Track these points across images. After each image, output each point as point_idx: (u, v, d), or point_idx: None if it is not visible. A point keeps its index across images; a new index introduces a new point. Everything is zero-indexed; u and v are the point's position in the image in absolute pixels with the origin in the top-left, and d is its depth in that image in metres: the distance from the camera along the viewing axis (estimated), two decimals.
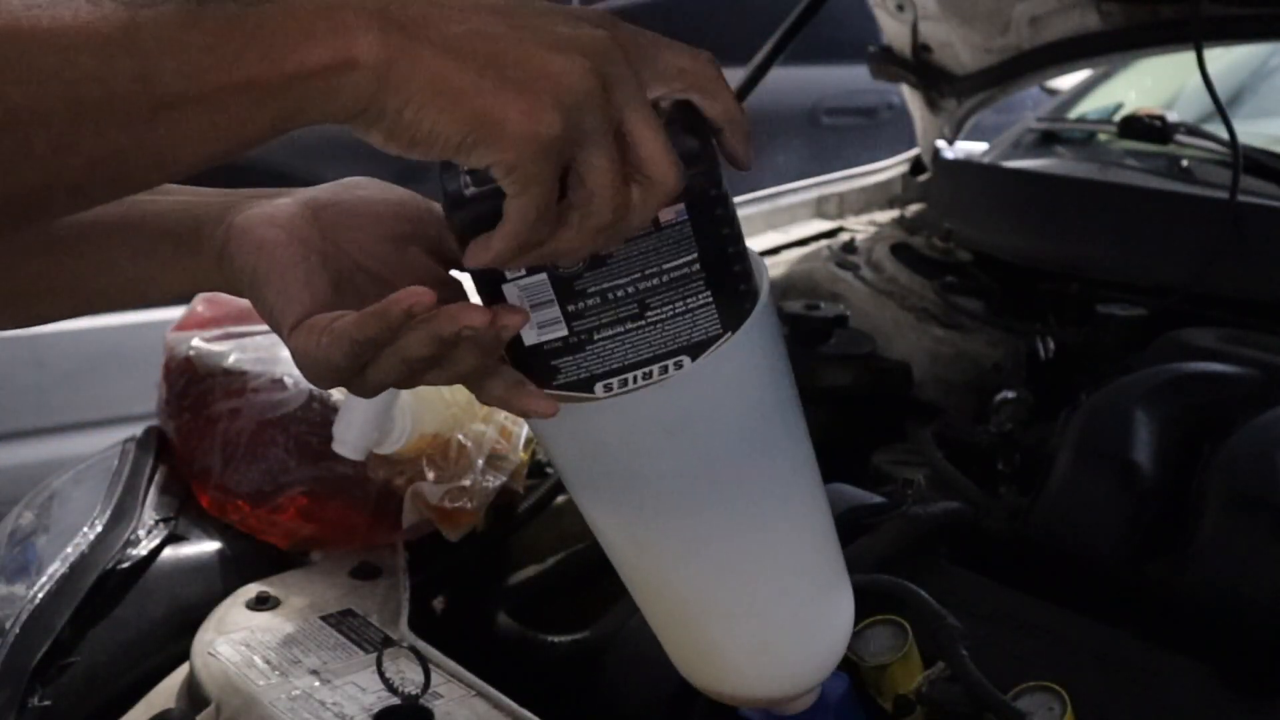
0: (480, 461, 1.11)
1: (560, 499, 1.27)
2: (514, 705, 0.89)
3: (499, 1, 0.57)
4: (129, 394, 2.20)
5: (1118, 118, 1.87)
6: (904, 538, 1.09)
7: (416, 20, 0.54)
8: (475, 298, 0.66)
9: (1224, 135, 1.62)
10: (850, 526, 1.10)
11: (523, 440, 1.16)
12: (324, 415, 1.10)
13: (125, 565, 1.08)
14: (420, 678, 0.87)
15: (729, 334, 0.66)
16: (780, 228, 2.04)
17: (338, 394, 1.10)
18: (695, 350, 0.66)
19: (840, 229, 2.03)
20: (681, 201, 0.62)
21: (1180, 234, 1.61)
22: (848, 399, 1.52)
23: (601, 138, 0.57)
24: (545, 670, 1.13)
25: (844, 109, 4.01)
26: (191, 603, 1.05)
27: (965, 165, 2.02)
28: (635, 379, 0.66)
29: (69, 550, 1.07)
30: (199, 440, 1.13)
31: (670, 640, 0.81)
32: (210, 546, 1.13)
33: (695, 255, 0.64)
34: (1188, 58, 1.63)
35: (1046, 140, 2.02)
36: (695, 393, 0.67)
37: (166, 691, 1.00)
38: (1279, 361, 1.30)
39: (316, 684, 0.91)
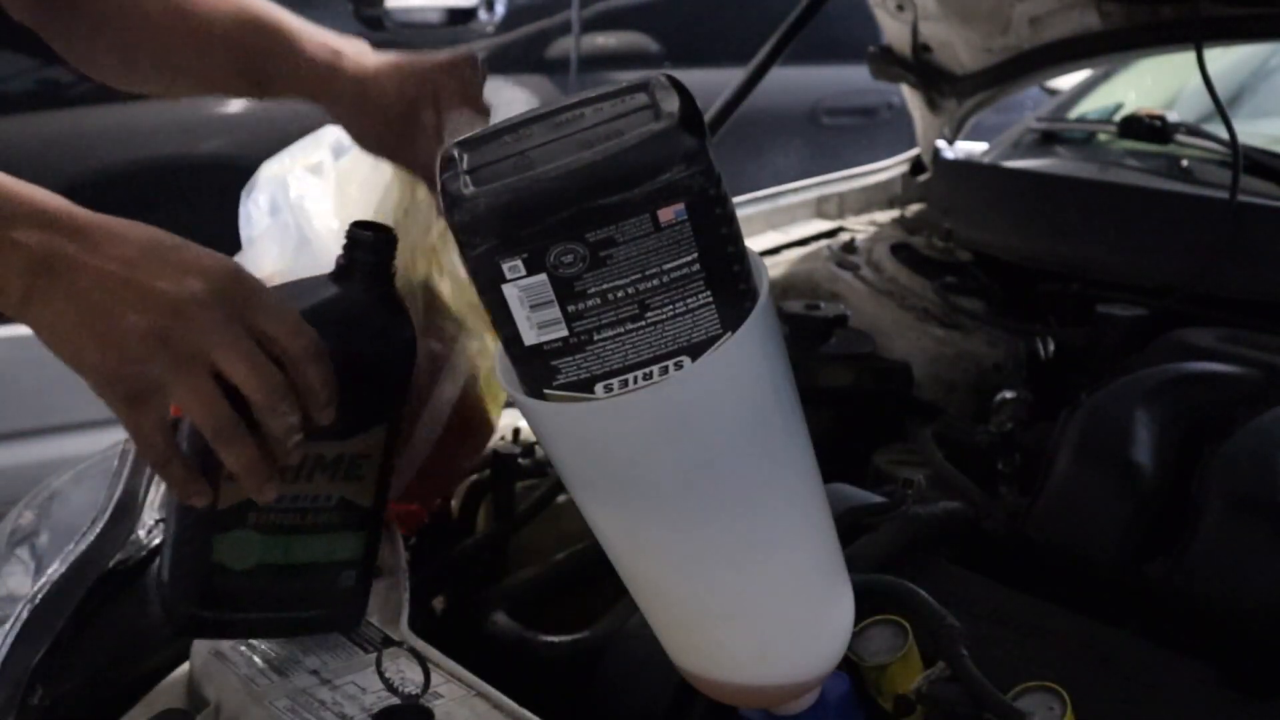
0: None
1: (560, 499, 1.27)
2: (514, 705, 0.88)
3: (132, 251, 0.73)
4: None
5: (1118, 118, 1.87)
6: (904, 538, 1.09)
7: (62, 267, 0.72)
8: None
9: (1224, 135, 1.62)
10: (850, 526, 1.10)
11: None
12: None
13: (125, 565, 1.08)
14: (420, 678, 0.87)
15: (729, 334, 0.66)
16: (780, 228, 2.04)
17: None
18: (695, 350, 0.66)
19: (840, 229, 2.03)
20: (681, 202, 0.62)
21: (1180, 234, 1.61)
22: (848, 399, 1.52)
23: (174, 380, 0.73)
24: (545, 671, 1.13)
25: (844, 109, 4.00)
26: None
27: (965, 165, 2.02)
28: (635, 379, 0.66)
29: (69, 550, 1.07)
30: None
31: (670, 640, 0.81)
32: None
33: (695, 255, 0.64)
34: (1188, 58, 1.63)
35: (1046, 140, 2.02)
36: (695, 393, 0.67)
37: (166, 691, 1.00)
38: (1279, 361, 1.30)
39: (316, 684, 0.91)
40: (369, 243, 0.83)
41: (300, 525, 0.86)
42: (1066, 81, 2.19)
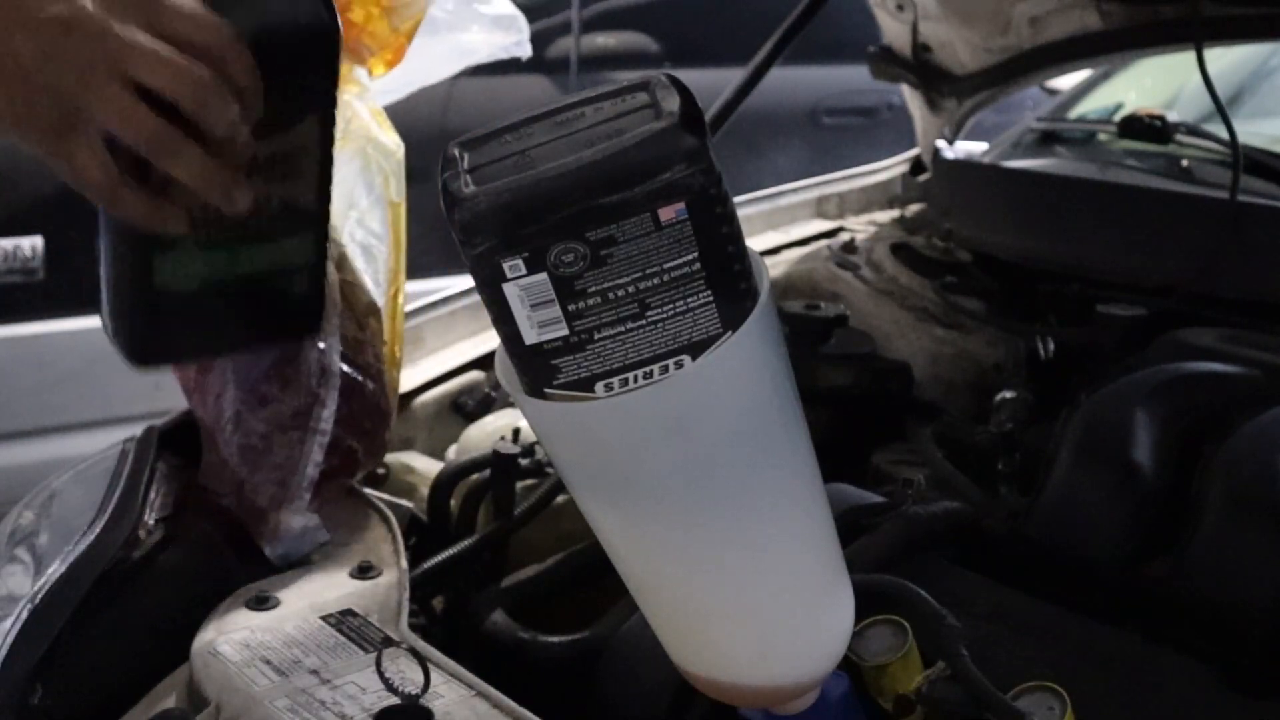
0: None
1: (560, 499, 1.27)
2: (514, 705, 0.88)
3: None
4: (129, 394, 2.20)
5: (1118, 118, 1.87)
6: (904, 538, 1.09)
7: None
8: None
9: (1224, 135, 1.62)
10: (850, 526, 1.10)
11: None
12: None
13: (125, 565, 1.08)
14: (420, 678, 0.87)
15: (729, 333, 0.66)
16: (780, 228, 2.04)
17: None
18: (695, 349, 0.66)
19: (840, 229, 2.03)
20: (681, 201, 0.62)
21: (1180, 234, 1.61)
22: (848, 399, 1.52)
23: (91, 99, 0.69)
24: (544, 671, 1.13)
25: (844, 109, 4.00)
26: (191, 603, 1.05)
27: (965, 165, 2.02)
28: (635, 378, 0.66)
29: (69, 550, 1.07)
30: None
31: (670, 639, 0.81)
32: (210, 546, 1.13)
33: (695, 254, 0.64)
34: (1188, 58, 1.63)
35: (1046, 140, 2.02)
36: (695, 392, 0.67)
37: (166, 691, 1.00)
38: (1279, 361, 1.30)
39: (316, 684, 0.91)
40: None
41: (243, 235, 0.81)
42: (1066, 81, 2.19)
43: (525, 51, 1.31)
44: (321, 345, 1.10)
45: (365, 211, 1.20)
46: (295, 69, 0.79)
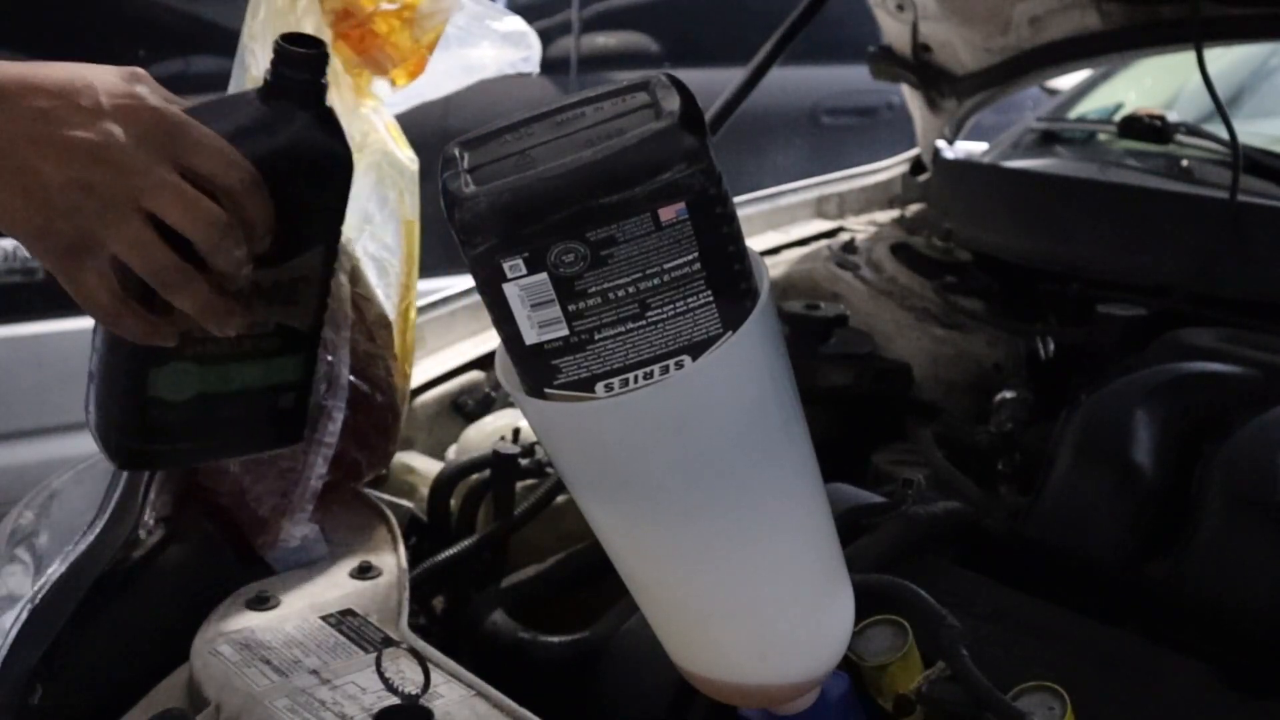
0: None
1: (560, 499, 1.27)
2: (514, 705, 0.88)
3: (44, 101, 0.71)
4: None
5: (1118, 118, 1.87)
6: (904, 538, 1.09)
7: None
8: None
9: (1224, 135, 1.62)
10: (850, 526, 1.10)
11: None
12: None
13: (125, 565, 1.08)
14: (420, 678, 0.87)
15: (729, 333, 0.66)
16: (780, 228, 2.04)
17: None
18: (696, 350, 0.66)
19: (840, 229, 2.03)
20: (682, 201, 0.62)
21: (1180, 234, 1.61)
22: (848, 399, 1.52)
23: (107, 230, 0.71)
24: (544, 671, 1.13)
25: (844, 109, 4.00)
26: (191, 603, 1.05)
27: (965, 165, 2.02)
28: (636, 379, 0.66)
29: (69, 550, 1.07)
30: None
31: (670, 639, 0.81)
32: (210, 546, 1.13)
33: (695, 254, 0.64)
34: (1188, 58, 1.63)
35: (1046, 140, 2.02)
36: (696, 392, 0.67)
37: (166, 691, 1.00)
38: (1279, 361, 1.30)
39: (316, 684, 0.91)
40: (300, 59, 0.78)
41: (238, 353, 0.84)
42: (1066, 81, 2.19)
43: (534, 68, 1.31)
44: (330, 358, 1.10)
45: (379, 226, 1.20)
46: (311, 207, 0.81)
